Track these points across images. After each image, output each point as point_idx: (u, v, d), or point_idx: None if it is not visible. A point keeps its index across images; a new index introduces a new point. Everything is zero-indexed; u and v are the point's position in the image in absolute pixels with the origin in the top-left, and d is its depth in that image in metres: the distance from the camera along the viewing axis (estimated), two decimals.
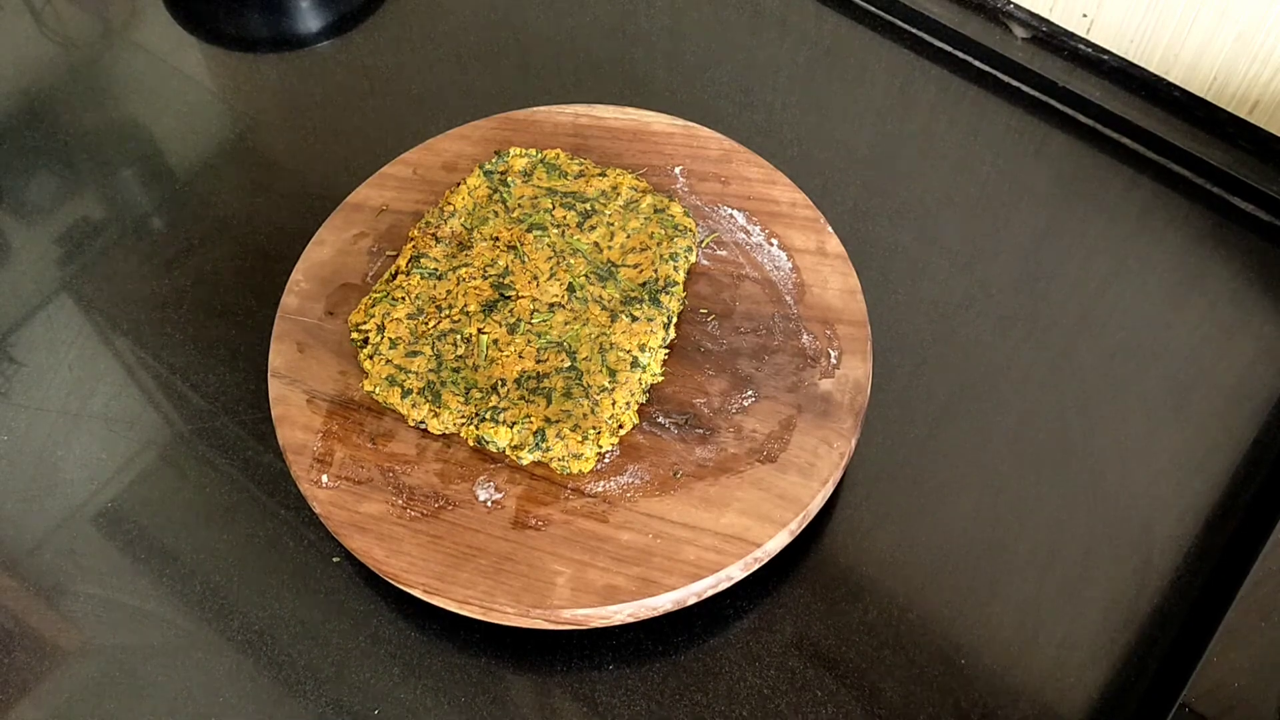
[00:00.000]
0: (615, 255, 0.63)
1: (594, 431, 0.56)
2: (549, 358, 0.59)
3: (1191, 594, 0.59)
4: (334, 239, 0.66)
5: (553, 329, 0.60)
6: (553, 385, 0.58)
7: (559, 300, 0.61)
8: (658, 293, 0.61)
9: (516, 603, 0.53)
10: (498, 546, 0.55)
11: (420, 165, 0.69)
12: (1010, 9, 0.79)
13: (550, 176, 0.66)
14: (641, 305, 0.60)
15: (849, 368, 0.60)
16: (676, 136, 0.69)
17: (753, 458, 0.57)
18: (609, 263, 0.62)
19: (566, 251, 0.62)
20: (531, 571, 0.54)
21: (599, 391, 0.57)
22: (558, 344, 0.59)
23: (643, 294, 0.61)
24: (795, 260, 0.64)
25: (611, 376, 0.58)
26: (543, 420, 0.57)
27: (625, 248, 0.63)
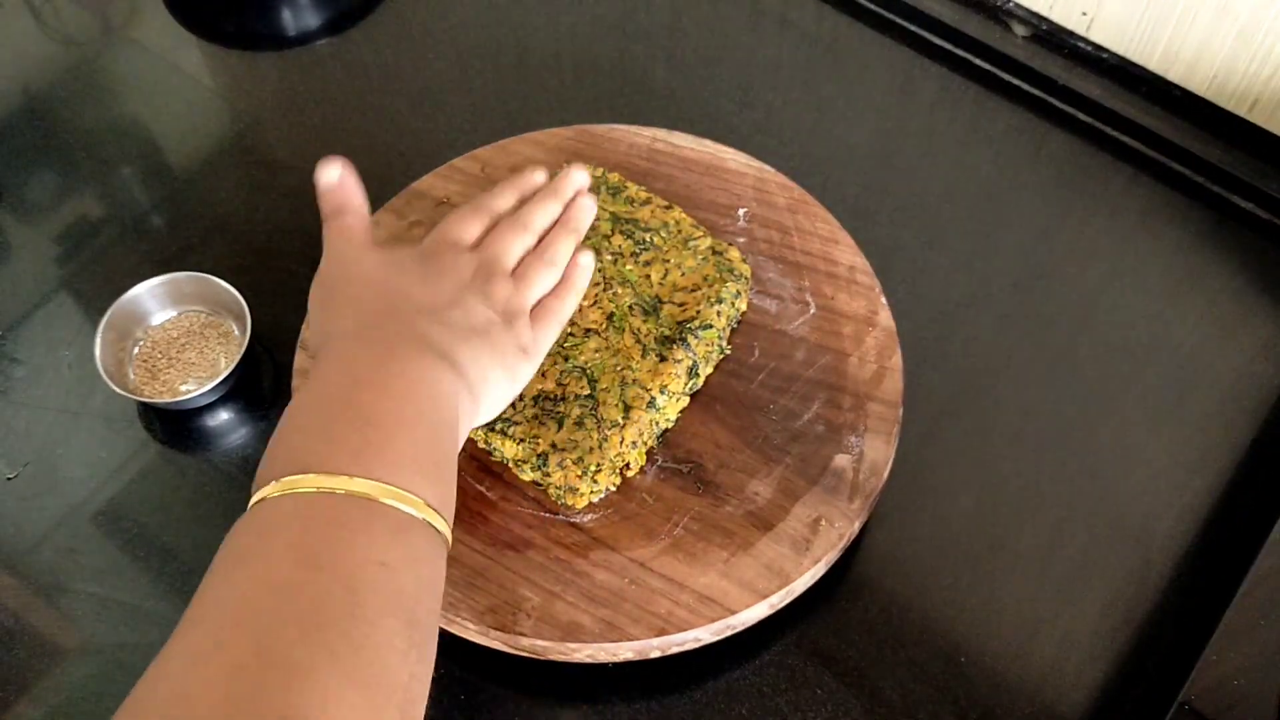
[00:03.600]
0: (664, 292, 0.61)
1: (595, 468, 0.55)
2: (569, 382, 0.58)
3: (1191, 593, 0.59)
4: (390, 223, 0.66)
5: (581, 354, 0.59)
6: (567, 412, 0.57)
7: (596, 327, 0.60)
8: (689, 333, 0.59)
9: (478, 620, 0.53)
10: (473, 560, 0.55)
11: (490, 164, 0.69)
12: (1010, 7, 0.79)
13: (615, 200, 0.65)
14: (673, 346, 0.59)
15: (871, 448, 0.58)
16: (748, 177, 0.67)
17: (749, 521, 0.56)
18: (655, 298, 0.61)
19: (616, 280, 0.62)
20: (501, 592, 0.54)
21: (610, 426, 0.57)
22: (581, 369, 0.59)
23: (676, 333, 0.60)
24: (841, 327, 0.62)
25: (625, 412, 0.57)
26: (549, 445, 0.56)
27: (676, 286, 0.62)
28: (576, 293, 0.58)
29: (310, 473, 0.42)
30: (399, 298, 0.51)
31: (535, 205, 0.59)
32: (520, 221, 0.58)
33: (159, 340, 0.66)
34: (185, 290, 0.67)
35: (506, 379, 0.52)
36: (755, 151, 0.69)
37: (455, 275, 0.53)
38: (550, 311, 0.56)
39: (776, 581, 0.54)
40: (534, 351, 0.54)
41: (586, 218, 0.60)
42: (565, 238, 0.58)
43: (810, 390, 0.60)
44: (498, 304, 0.53)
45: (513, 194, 0.60)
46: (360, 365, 0.47)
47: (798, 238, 0.65)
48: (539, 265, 0.57)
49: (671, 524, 0.56)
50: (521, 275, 0.56)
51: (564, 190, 0.60)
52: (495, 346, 0.52)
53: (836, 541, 0.55)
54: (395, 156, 0.75)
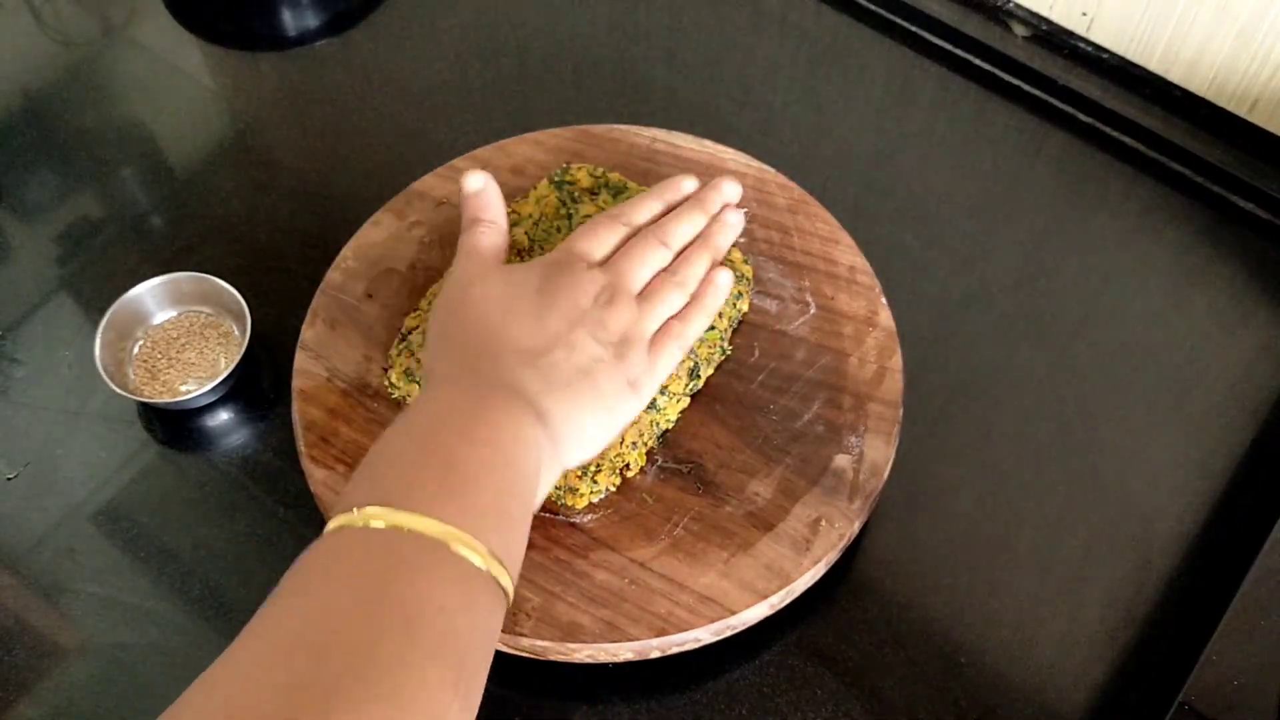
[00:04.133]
0: None
1: (595, 468, 0.55)
2: None
3: (1191, 593, 0.59)
4: (390, 222, 0.66)
5: None
6: None
7: None
8: None
9: None
10: None
11: (489, 164, 0.68)
12: (1010, 7, 0.79)
13: (615, 200, 0.64)
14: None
15: (871, 448, 0.58)
16: (748, 178, 0.67)
17: (749, 521, 0.56)
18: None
19: None
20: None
21: None
22: None
23: None
24: (841, 327, 0.62)
25: None
26: None
27: None
28: (706, 314, 0.57)
29: (386, 506, 0.43)
30: (504, 338, 0.51)
31: (676, 219, 0.57)
32: (656, 236, 0.56)
33: (159, 340, 0.66)
34: (185, 290, 0.67)
35: (604, 421, 0.52)
36: (755, 151, 0.69)
37: (571, 304, 0.52)
38: (671, 336, 0.55)
39: (776, 582, 0.54)
40: (645, 384, 0.54)
41: (730, 236, 0.58)
42: (701, 256, 0.57)
43: (810, 390, 0.60)
44: (613, 334, 0.52)
45: (657, 203, 0.58)
46: (451, 408, 0.49)
47: (798, 238, 0.65)
48: (668, 286, 0.55)
49: (671, 524, 0.56)
50: (648, 296, 0.55)
51: (710, 203, 0.58)
52: (597, 389, 0.51)
53: (836, 542, 0.55)
54: (395, 156, 0.75)
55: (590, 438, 0.52)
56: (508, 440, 0.47)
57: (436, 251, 0.65)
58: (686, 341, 0.56)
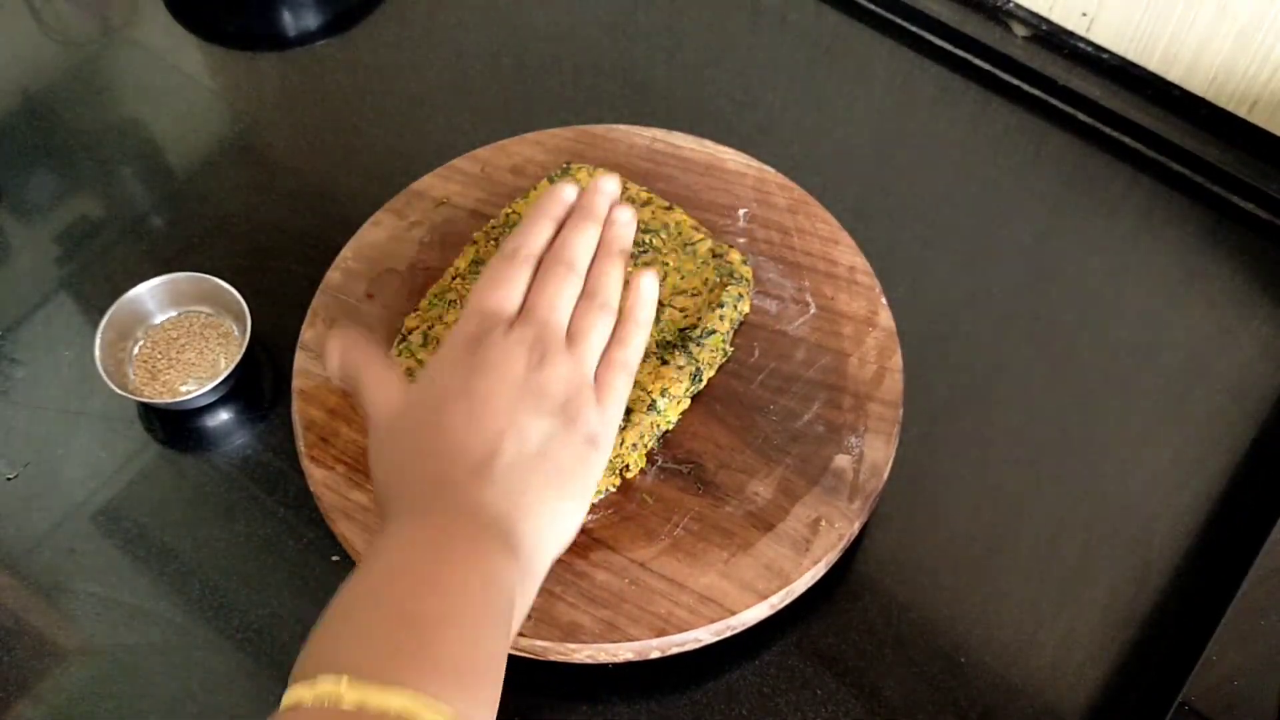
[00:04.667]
0: (665, 294, 0.61)
1: None
2: None
3: (1191, 593, 0.59)
4: (390, 222, 0.66)
5: None
6: None
7: None
8: (691, 341, 0.59)
9: None
10: None
11: (489, 164, 0.69)
12: (1010, 7, 0.79)
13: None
14: (675, 351, 0.59)
15: (871, 448, 0.58)
16: (748, 178, 0.67)
17: (749, 521, 0.55)
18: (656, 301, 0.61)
19: None
20: None
21: None
22: None
23: (679, 340, 0.59)
24: (841, 327, 0.62)
25: (626, 415, 0.56)
26: None
27: (676, 289, 0.61)
28: (642, 328, 0.52)
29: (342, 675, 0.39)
30: (447, 455, 0.47)
31: (574, 236, 0.53)
32: (562, 263, 0.52)
33: (159, 341, 0.66)
34: (185, 290, 0.67)
35: (572, 499, 0.48)
36: (755, 151, 0.69)
37: (503, 385, 0.48)
38: (615, 368, 0.51)
39: (776, 582, 0.54)
40: (603, 436, 0.49)
41: (628, 233, 0.54)
42: (611, 266, 0.53)
43: (810, 391, 0.60)
44: (557, 397, 0.48)
45: (548, 223, 0.54)
46: (409, 553, 0.44)
47: (798, 238, 0.65)
48: (594, 314, 0.51)
49: (671, 524, 0.56)
50: (577, 336, 0.50)
51: (598, 207, 0.54)
52: (558, 469, 0.47)
53: (836, 542, 0.55)
54: (395, 156, 0.75)
55: (564, 529, 0.48)
56: (476, 584, 0.43)
57: (436, 251, 0.65)
58: (632, 367, 0.52)
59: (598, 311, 0.52)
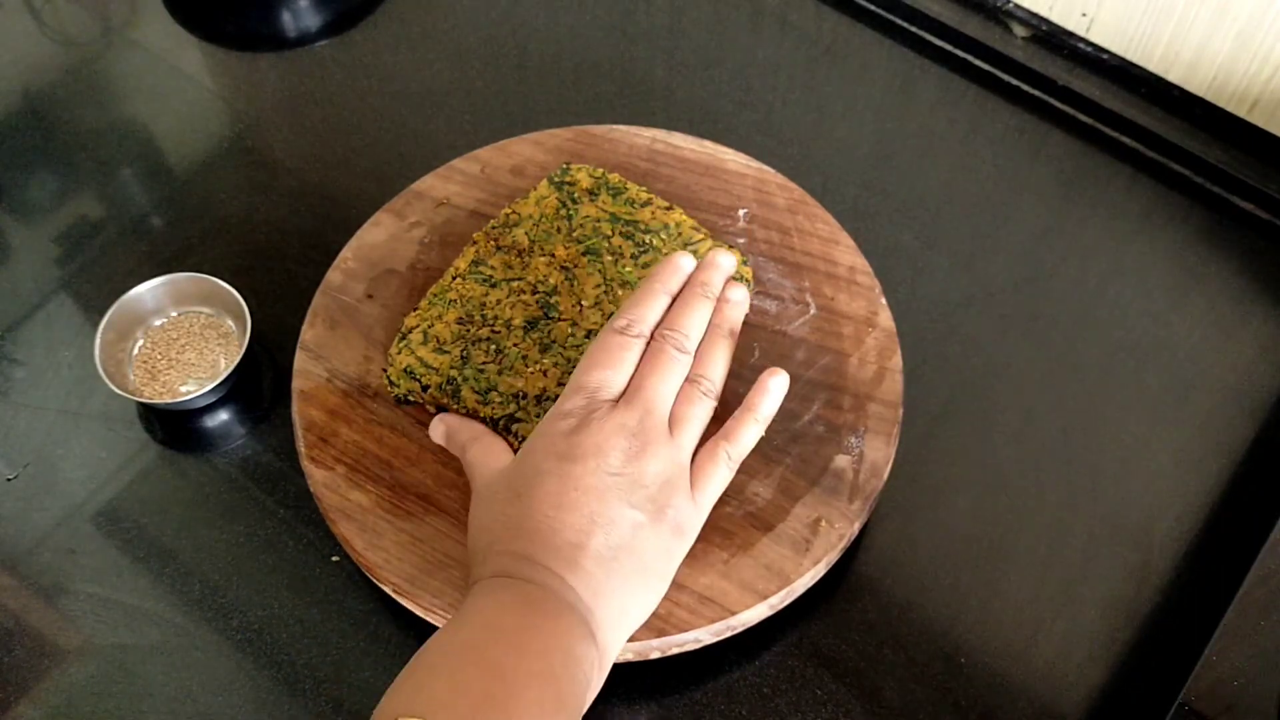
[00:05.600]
0: None
1: None
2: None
3: (1191, 593, 0.59)
4: (390, 223, 0.66)
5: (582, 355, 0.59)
6: None
7: (597, 328, 0.60)
8: None
9: None
10: None
11: (489, 164, 0.69)
12: (1010, 8, 0.79)
13: (615, 201, 0.64)
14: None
15: (871, 448, 0.58)
16: (748, 178, 0.67)
17: (748, 522, 0.55)
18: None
19: (616, 281, 0.61)
20: None
21: None
22: None
23: None
24: (841, 327, 0.62)
25: None
26: None
27: None
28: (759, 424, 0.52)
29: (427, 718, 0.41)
30: (539, 534, 0.47)
31: (686, 314, 0.52)
32: (676, 344, 0.51)
33: (159, 341, 0.66)
34: (185, 290, 0.67)
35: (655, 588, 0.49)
36: (755, 152, 0.69)
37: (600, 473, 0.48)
38: (719, 459, 0.51)
39: (776, 582, 0.54)
40: (691, 526, 0.50)
41: (740, 314, 0.54)
42: (720, 350, 0.52)
43: (810, 391, 0.60)
44: (650, 488, 0.48)
45: (664, 297, 0.53)
46: (497, 616, 0.46)
47: (798, 238, 0.65)
48: (696, 400, 0.51)
49: None
50: (679, 420, 0.50)
51: (714, 285, 0.54)
52: (641, 562, 0.48)
53: (836, 542, 0.55)
54: (395, 157, 0.75)
55: (639, 613, 0.49)
56: (559, 657, 0.44)
57: (436, 252, 0.65)
58: (736, 461, 0.52)
59: (702, 397, 0.52)
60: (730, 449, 0.51)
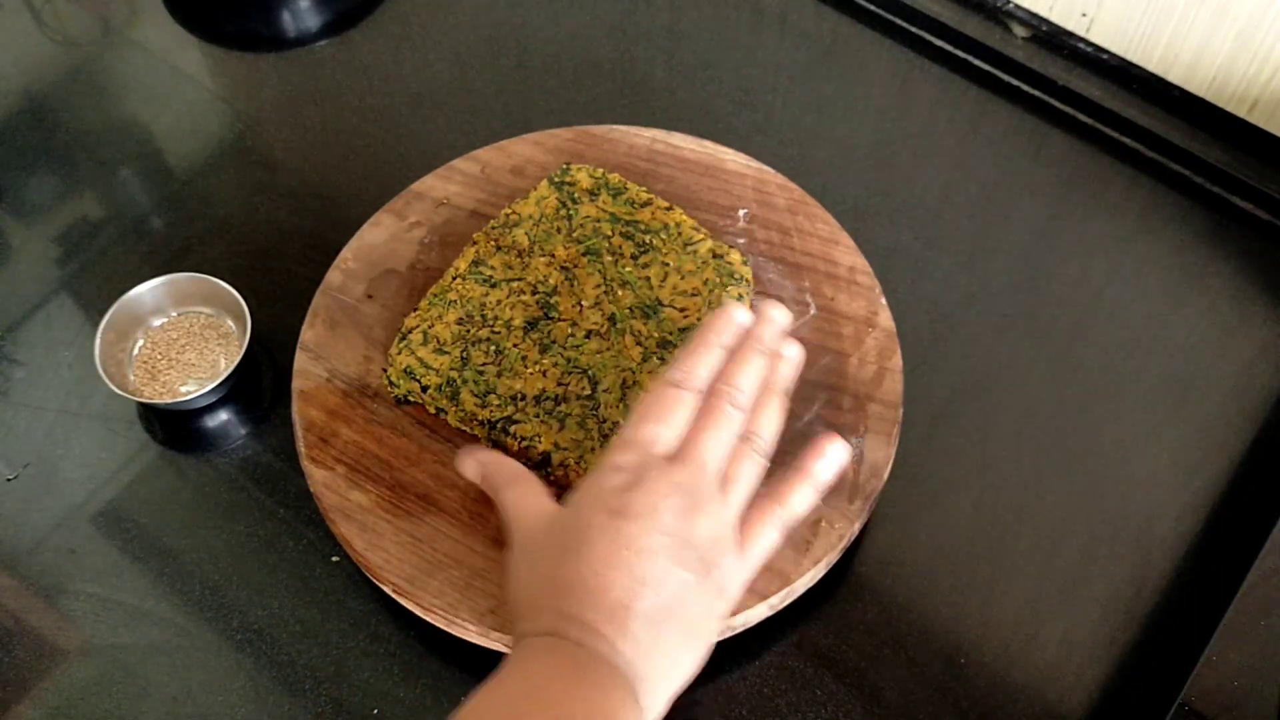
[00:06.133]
0: (665, 294, 0.61)
1: None
2: (571, 382, 0.58)
3: (1191, 593, 0.59)
4: (390, 223, 0.66)
5: (583, 355, 0.59)
6: (568, 412, 0.57)
7: (597, 328, 0.60)
8: None
9: (479, 622, 0.53)
10: (474, 561, 0.55)
11: (489, 165, 0.69)
12: (1010, 8, 0.79)
13: (615, 201, 0.65)
14: (675, 350, 0.59)
15: (871, 449, 0.58)
16: (748, 178, 0.67)
17: None
18: (656, 300, 0.61)
19: (616, 281, 0.61)
20: (501, 593, 0.53)
21: (611, 427, 0.57)
22: (583, 370, 0.59)
23: (680, 339, 0.59)
24: (841, 328, 0.62)
25: (626, 414, 0.57)
26: (550, 445, 0.56)
27: (676, 289, 0.61)
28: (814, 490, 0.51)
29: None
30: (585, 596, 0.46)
31: (742, 372, 0.51)
32: (727, 400, 0.50)
33: (159, 341, 0.66)
34: (185, 291, 0.67)
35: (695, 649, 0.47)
36: (755, 152, 0.69)
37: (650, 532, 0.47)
38: (769, 521, 0.50)
39: (776, 582, 0.54)
40: (736, 584, 0.49)
41: (794, 372, 0.54)
42: (774, 409, 0.52)
43: (810, 391, 0.60)
44: (699, 549, 0.47)
45: (719, 352, 0.52)
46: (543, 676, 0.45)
47: (798, 239, 0.65)
48: (749, 459, 0.50)
49: None
50: (732, 479, 0.49)
51: (769, 340, 0.53)
52: (687, 621, 0.47)
53: (836, 542, 0.55)
54: (395, 157, 0.75)
55: (681, 672, 0.47)
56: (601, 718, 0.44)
57: (436, 252, 0.65)
58: (787, 525, 0.50)
59: (754, 455, 0.51)
60: (783, 513, 0.50)
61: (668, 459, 0.49)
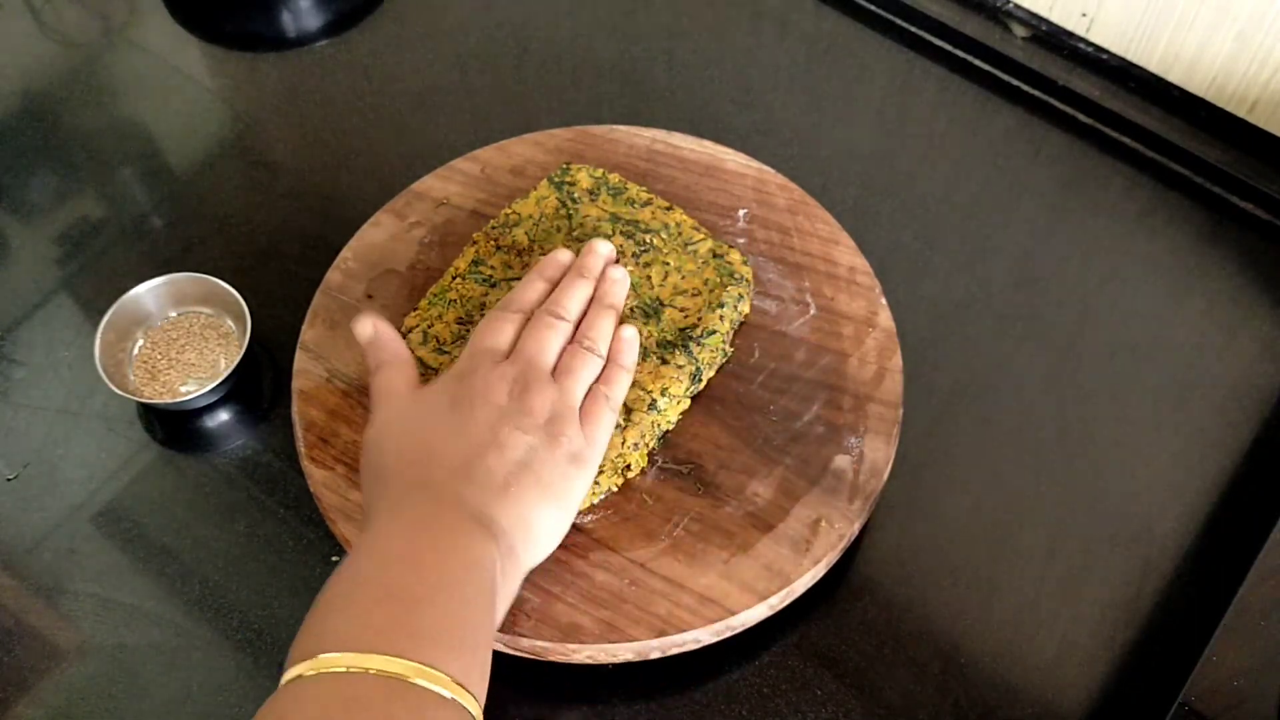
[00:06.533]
0: (665, 294, 0.61)
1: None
2: None
3: (1191, 593, 0.59)
4: (390, 223, 0.66)
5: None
6: None
7: None
8: (692, 340, 0.59)
9: None
10: None
11: (489, 165, 0.69)
12: (1010, 8, 0.79)
13: (615, 201, 0.65)
14: (675, 351, 0.59)
15: (871, 448, 0.58)
16: (748, 178, 0.67)
17: (748, 522, 0.55)
18: (656, 300, 0.61)
19: None
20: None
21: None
22: None
23: (680, 339, 0.59)
24: (841, 328, 0.62)
25: (626, 414, 0.57)
26: None
27: (677, 289, 0.61)
28: (627, 373, 0.56)
29: (336, 651, 0.42)
30: (432, 461, 0.50)
31: (564, 291, 0.57)
32: (551, 312, 0.56)
33: (159, 341, 0.66)
34: (185, 291, 0.67)
35: (556, 507, 0.51)
36: (755, 152, 0.69)
37: (487, 405, 0.52)
38: (600, 400, 0.54)
39: (776, 582, 0.54)
40: (588, 457, 0.52)
41: (620, 291, 0.59)
42: (602, 318, 0.56)
43: (810, 391, 0.60)
44: (539, 419, 0.52)
45: (540, 282, 0.58)
46: (393, 541, 0.47)
47: (798, 239, 0.65)
48: (579, 355, 0.55)
49: (671, 525, 0.56)
50: (563, 371, 0.54)
51: (592, 267, 0.58)
52: (539, 478, 0.50)
53: (836, 542, 0.55)
54: (395, 157, 0.75)
55: (546, 531, 0.51)
56: (457, 564, 0.46)
57: (436, 252, 0.65)
58: (616, 403, 0.55)
59: (583, 354, 0.55)
60: (608, 391, 0.55)
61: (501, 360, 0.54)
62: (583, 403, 0.54)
